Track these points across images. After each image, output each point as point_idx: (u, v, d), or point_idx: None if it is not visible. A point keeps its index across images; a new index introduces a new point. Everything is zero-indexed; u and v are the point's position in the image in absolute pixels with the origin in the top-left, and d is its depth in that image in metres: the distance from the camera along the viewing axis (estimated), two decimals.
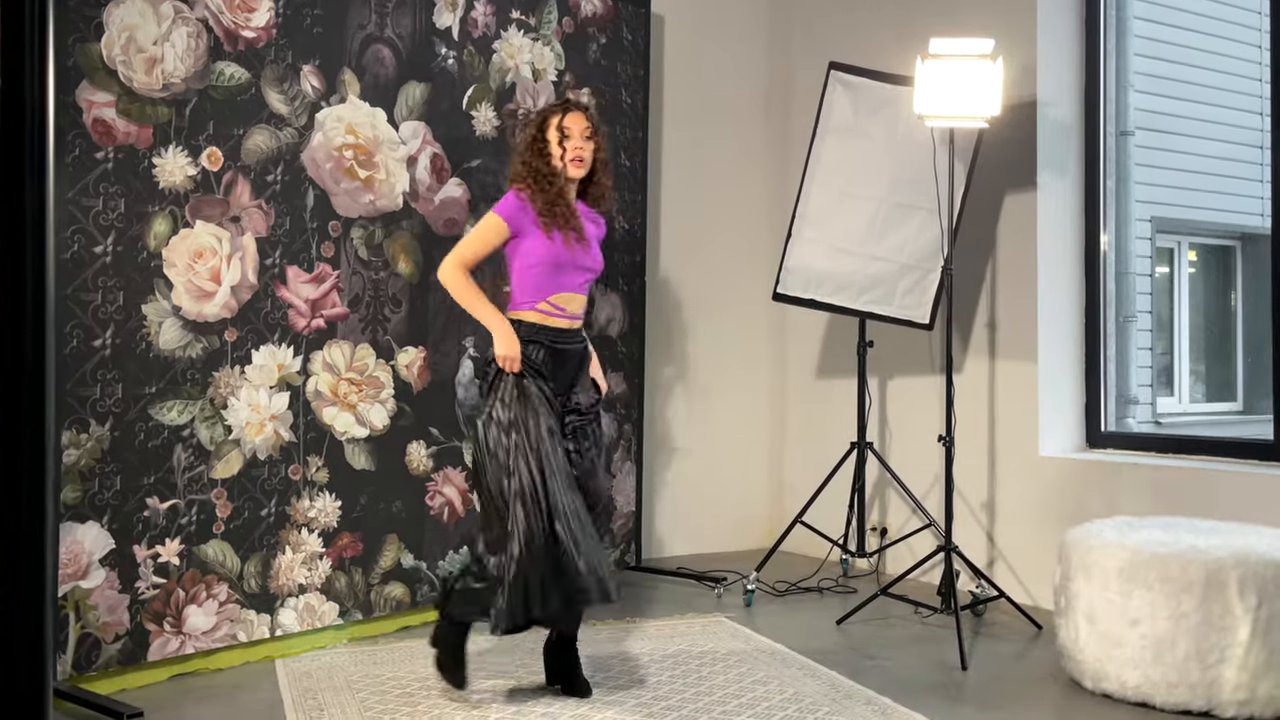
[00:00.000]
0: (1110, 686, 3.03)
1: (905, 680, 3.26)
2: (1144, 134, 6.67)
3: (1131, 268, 6.24)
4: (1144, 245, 7.11)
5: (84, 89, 3.04)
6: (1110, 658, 3.01)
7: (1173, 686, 2.91)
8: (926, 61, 3.53)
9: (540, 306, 3.05)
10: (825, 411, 5.14)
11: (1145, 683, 2.95)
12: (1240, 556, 2.87)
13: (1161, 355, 7.70)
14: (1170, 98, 7.38)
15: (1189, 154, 7.58)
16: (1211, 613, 2.86)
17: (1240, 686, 2.85)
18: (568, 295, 3.08)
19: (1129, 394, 6.01)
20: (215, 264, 3.31)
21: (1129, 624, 2.97)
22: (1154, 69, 7.23)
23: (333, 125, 3.58)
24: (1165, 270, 7.81)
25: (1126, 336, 6.02)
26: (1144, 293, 7.03)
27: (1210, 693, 2.88)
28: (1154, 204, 7.31)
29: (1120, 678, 2.99)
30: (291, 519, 3.49)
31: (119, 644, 3.11)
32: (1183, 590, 2.89)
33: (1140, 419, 6.57)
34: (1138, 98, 6.42)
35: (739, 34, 5.43)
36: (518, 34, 4.15)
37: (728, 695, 3.07)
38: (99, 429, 3.08)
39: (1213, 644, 2.87)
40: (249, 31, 3.38)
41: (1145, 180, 6.87)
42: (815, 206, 4.25)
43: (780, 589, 4.45)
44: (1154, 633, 2.93)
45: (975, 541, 4.42)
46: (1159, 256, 7.66)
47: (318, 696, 3.07)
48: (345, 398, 3.62)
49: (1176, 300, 7.81)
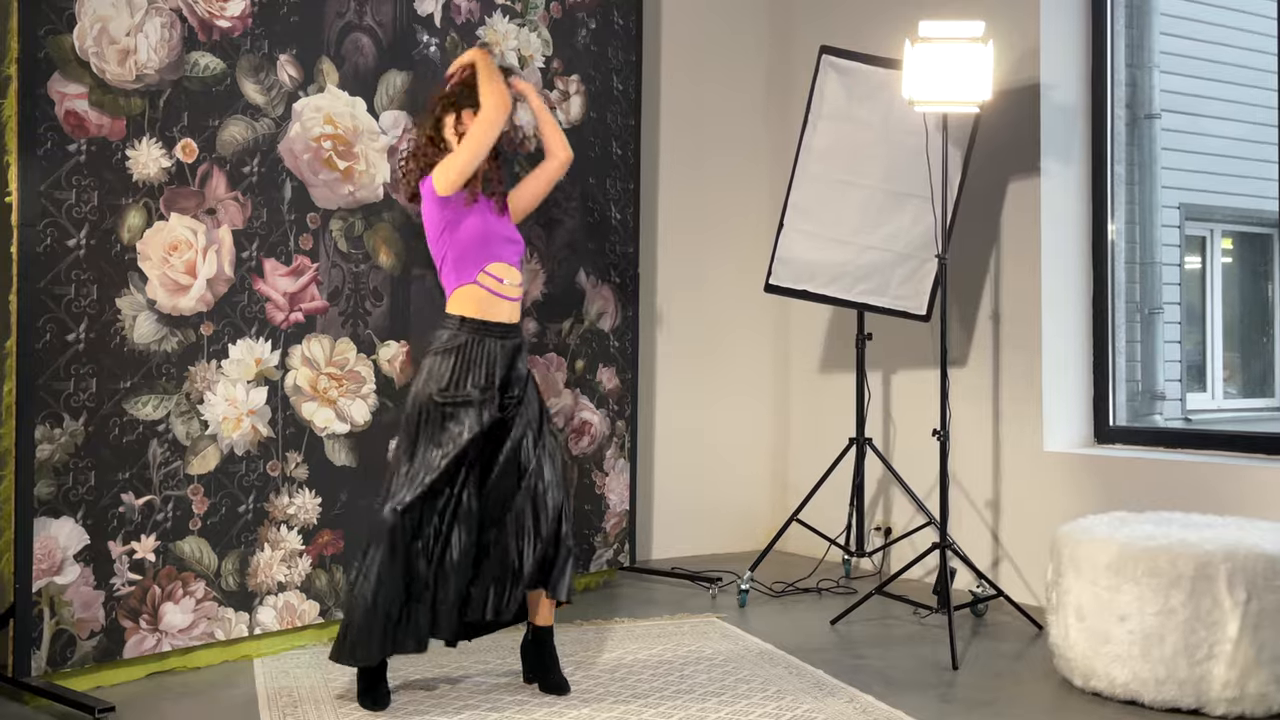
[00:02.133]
0: (1099, 684, 3.11)
1: (892, 679, 3.35)
2: (1172, 117, 6.71)
3: (1158, 257, 6.30)
4: (1172, 234, 7.15)
5: (56, 81, 3.18)
6: (1099, 654, 3.10)
7: (1161, 683, 2.99)
8: (916, 45, 3.62)
9: (482, 280, 3.18)
10: (829, 407, 5.24)
11: (1134, 680, 3.03)
12: (1229, 550, 2.95)
13: (1193, 349, 7.73)
14: (1200, 78, 7.40)
15: (1222, 137, 7.59)
16: (1200, 607, 2.95)
17: (1229, 684, 2.93)
18: (502, 266, 3.22)
19: (1156, 389, 6.07)
20: (190, 257, 3.45)
21: (1117, 620, 3.05)
22: (1183, 48, 7.25)
23: (311, 115, 3.71)
24: (1197, 260, 7.84)
25: (1153, 329, 6.09)
26: (1172, 283, 7.07)
27: (1199, 689, 2.96)
28: (1183, 190, 7.34)
29: (1109, 675, 3.08)
30: (270, 516, 3.62)
31: (94, 641, 3.25)
32: (1171, 585, 2.98)
33: (1169, 415, 6.61)
34: (1164, 79, 6.47)
35: (738, 17, 5.53)
36: (503, 20, 4.27)
37: (707, 694, 3.18)
38: (73, 424, 3.22)
39: (1201, 639, 2.95)
40: (224, 21, 3.52)
41: (1173, 165, 6.91)
42: (807, 195, 4.35)
43: (777, 589, 4.55)
44: (1142, 628, 3.01)
45: (980, 540, 4.51)
46: (1189, 246, 7.70)
47: (293, 694, 3.20)
48: (325, 393, 3.75)
49: (1208, 291, 7.84)
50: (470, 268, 3.18)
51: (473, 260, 3.18)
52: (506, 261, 3.23)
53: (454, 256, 3.20)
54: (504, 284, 3.21)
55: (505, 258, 3.23)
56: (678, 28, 5.31)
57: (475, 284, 3.18)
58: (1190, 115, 7.31)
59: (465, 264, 3.19)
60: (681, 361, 5.33)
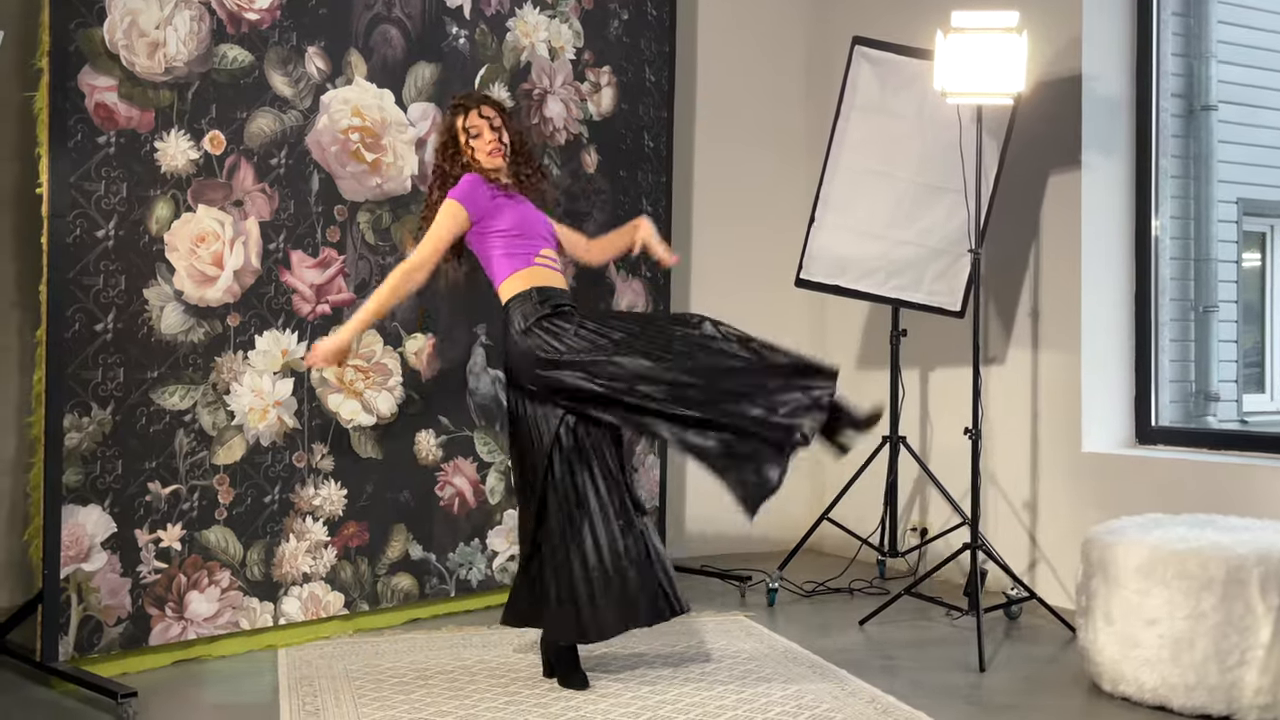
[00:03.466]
0: (1128, 689, 3.10)
1: (918, 681, 3.36)
2: (1230, 108, 6.62)
3: (1213, 254, 6.22)
4: (1229, 229, 7.05)
5: (86, 73, 3.28)
6: (1128, 659, 3.09)
7: (1191, 689, 2.98)
8: (949, 35, 3.62)
9: (538, 260, 3.32)
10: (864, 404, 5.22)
11: (1163, 685, 3.02)
12: (1263, 553, 2.93)
13: (1251, 349, 7.62)
14: (1261, 69, 7.29)
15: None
16: (1232, 612, 2.93)
17: (1262, 690, 2.91)
18: (548, 249, 3.39)
19: (1210, 390, 6.00)
20: (218, 248, 3.54)
21: (1146, 624, 3.04)
22: (1243, 38, 7.14)
23: (338, 107, 3.79)
24: (1256, 257, 7.72)
25: (1207, 328, 6.01)
26: (1229, 280, 6.97)
27: (1230, 695, 2.94)
28: (1242, 184, 7.23)
29: (1138, 679, 3.07)
30: (296, 507, 3.70)
31: (120, 627, 3.35)
32: (1202, 588, 2.96)
33: (1224, 417, 6.53)
34: (1223, 69, 6.38)
35: (775, 8, 5.54)
36: (533, 11, 4.33)
37: (727, 691, 3.21)
38: (101, 413, 3.32)
39: (1233, 645, 2.93)
40: (252, 14, 3.60)
41: (1232, 159, 6.81)
42: (840, 189, 4.36)
43: (808, 589, 4.56)
44: (1172, 633, 3.00)
45: (1017, 542, 4.49)
46: (1248, 242, 7.58)
47: (314, 684, 3.28)
48: (351, 385, 3.83)
49: (1269, 289, 7.72)
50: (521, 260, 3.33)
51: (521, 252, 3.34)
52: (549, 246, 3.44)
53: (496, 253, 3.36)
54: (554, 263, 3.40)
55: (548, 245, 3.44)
56: (712, 17, 5.33)
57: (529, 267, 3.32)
58: (1251, 107, 7.20)
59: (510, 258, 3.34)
60: None
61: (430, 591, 4.02)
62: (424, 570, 4.01)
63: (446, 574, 4.05)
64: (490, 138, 3.35)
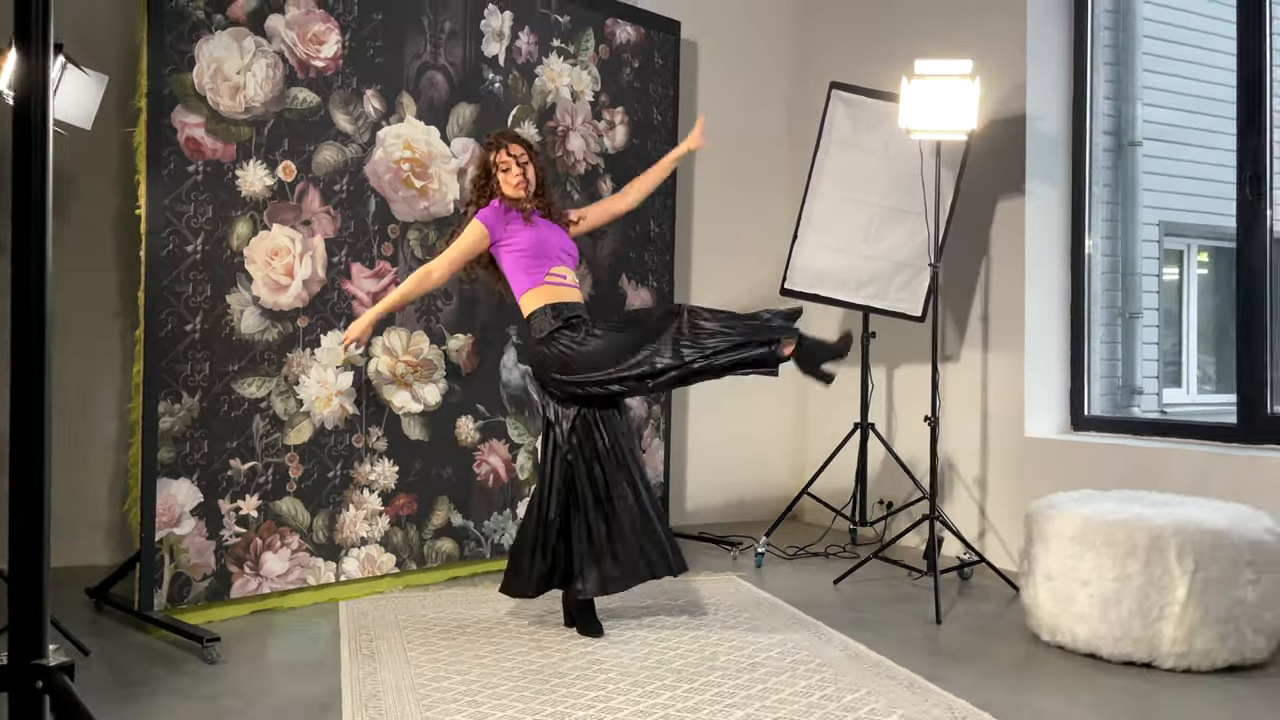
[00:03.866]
0: (1064, 639, 3.09)
1: (883, 631, 3.35)
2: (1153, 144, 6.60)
3: (1138, 268, 6.20)
4: (1151, 248, 7.03)
5: (178, 112, 3.28)
6: (1064, 614, 3.07)
7: (1118, 640, 2.96)
8: (912, 81, 3.61)
9: (549, 279, 3.28)
10: (840, 397, 5.22)
11: (1094, 637, 3.00)
12: (1180, 525, 2.91)
13: (1170, 350, 7.59)
14: (1178, 110, 7.26)
15: (1199, 163, 7.45)
16: (1153, 575, 2.91)
17: (1178, 640, 2.89)
18: (561, 267, 3.34)
19: (1135, 385, 5.99)
20: (289, 261, 3.54)
21: (1080, 584, 3.03)
22: (1163, 83, 7.12)
23: (392, 142, 3.78)
24: (1175, 271, 7.69)
25: (1132, 332, 6.00)
26: (1151, 291, 6.95)
27: (1151, 646, 2.93)
28: (1162, 209, 7.21)
29: (1072, 632, 3.06)
30: (355, 481, 3.71)
31: (206, 583, 3.36)
32: (1127, 555, 2.95)
33: (1146, 408, 6.51)
34: (1146, 110, 6.37)
35: (764, 58, 5.53)
36: (558, 60, 4.32)
37: (721, 639, 3.20)
38: (190, 400, 3.33)
39: (1154, 603, 2.91)
40: (319, 61, 3.60)
41: (1153, 188, 6.79)
42: (818, 211, 4.34)
43: (790, 553, 4.55)
44: (1101, 592, 2.98)
45: (968, 513, 4.48)
46: (1169, 259, 7.55)
47: (370, 631, 3.28)
48: (402, 377, 3.83)
49: (1185, 299, 7.69)
50: (534, 275, 3.30)
51: (533, 267, 3.31)
52: (564, 264, 3.38)
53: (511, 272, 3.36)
54: (565, 280, 3.35)
55: (562, 262, 3.38)
56: (709, 66, 5.32)
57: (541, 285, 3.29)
58: (1170, 143, 7.18)
59: (525, 273, 3.32)
60: None
61: (468, 553, 4.02)
62: (463, 535, 4.01)
63: (482, 538, 4.05)
64: (516, 172, 3.34)
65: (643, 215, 4.67)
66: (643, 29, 4.66)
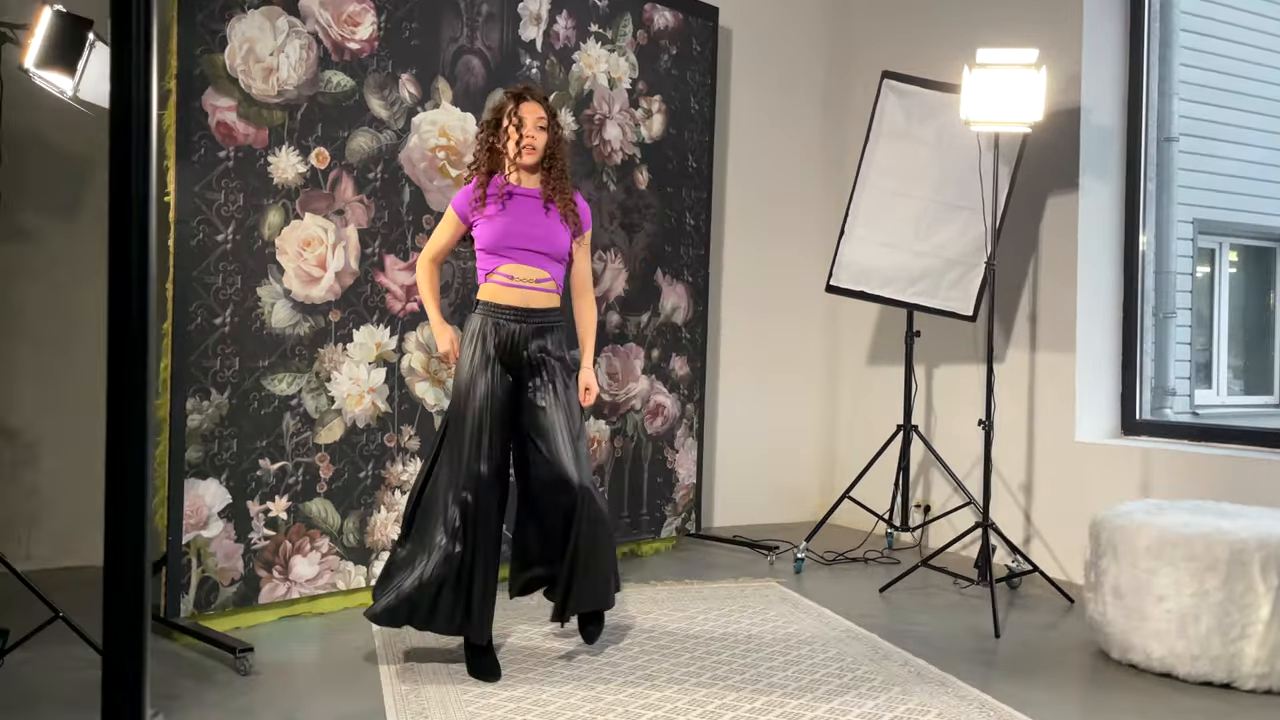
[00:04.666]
0: (1136, 657, 2.96)
1: (941, 645, 3.22)
2: (1188, 140, 6.46)
3: (1172, 267, 6.06)
4: (1185, 246, 6.89)
5: (209, 95, 3.13)
6: (1137, 630, 2.94)
7: (1195, 659, 2.83)
8: (974, 70, 3.46)
9: (491, 278, 2.92)
10: (874, 396, 5.09)
11: (1169, 655, 2.87)
12: (1263, 538, 2.78)
13: (1201, 350, 7.45)
14: (1214, 105, 7.12)
15: (1232, 159, 7.31)
16: (1234, 591, 2.78)
17: (1260, 660, 2.76)
18: (514, 265, 2.90)
19: (1167, 386, 5.85)
20: (322, 252, 3.39)
21: (1155, 600, 2.90)
22: (1199, 78, 6.97)
23: (427, 128, 3.64)
24: (1206, 270, 7.55)
25: (1165, 332, 5.86)
26: (1184, 290, 6.81)
27: (1231, 665, 2.80)
28: (1196, 207, 7.07)
29: (1145, 649, 2.92)
30: (386, 481, 3.57)
31: (234, 587, 3.22)
32: (1207, 569, 2.81)
33: (1178, 410, 6.38)
34: (1182, 105, 6.22)
35: (800, 46, 5.38)
36: (595, 46, 4.17)
37: (774, 653, 3.07)
38: (219, 397, 3.18)
39: (1234, 620, 2.78)
40: (354, 44, 3.45)
41: (1188, 184, 6.65)
42: (867, 206, 4.20)
43: (828, 558, 4.42)
44: (1179, 608, 2.85)
45: (1013, 520, 4.35)
46: (1200, 257, 7.41)
47: (405, 639, 3.14)
48: (435, 374, 3.68)
49: (1216, 298, 7.55)
50: (486, 267, 2.95)
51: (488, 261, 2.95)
52: (521, 262, 2.91)
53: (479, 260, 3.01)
54: (513, 280, 2.91)
55: (520, 259, 2.91)
56: (745, 53, 5.17)
57: (486, 281, 2.95)
58: (1204, 139, 7.03)
59: (483, 265, 2.97)
60: (744, 352, 5.21)
61: (502, 556, 3.87)
62: None
63: (509, 539, 3.90)
64: (530, 133, 2.90)
65: (678, 208, 4.53)
66: (681, 15, 4.51)
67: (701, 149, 4.65)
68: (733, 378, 5.17)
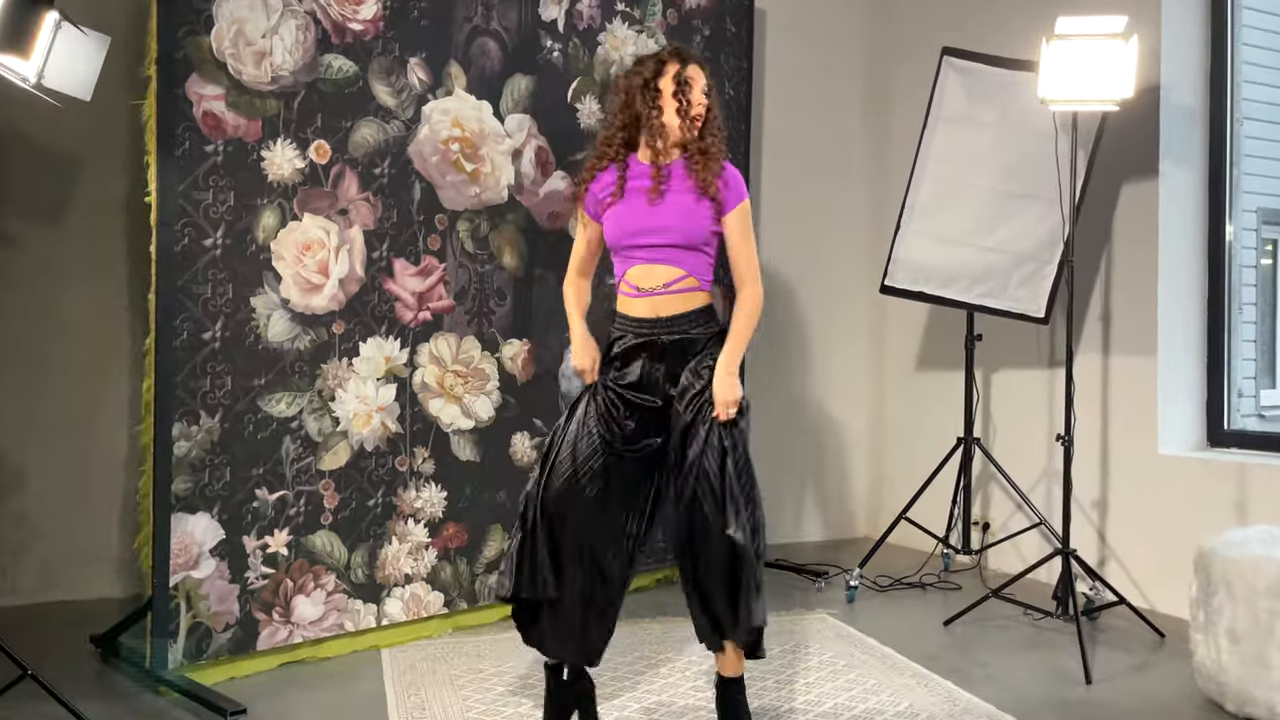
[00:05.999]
0: (1257, 712, 2.58)
1: (1025, 693, 2.85)
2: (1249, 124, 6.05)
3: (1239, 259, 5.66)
4: (1249, 236, 6.48)
5: (194, 82, 2.80)
6: (1257, 681, 2.56)
7: None
8: (1052, 42, 3.08)
9: (621, 288, 2.50)
10: (924, 404, 4.71)
11: None
12: None
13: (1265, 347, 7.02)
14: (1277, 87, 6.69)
15: None
16: None
17: None
18: (641, 269, 2.44)
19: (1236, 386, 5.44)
20: (323, 257, 3.06)
21: (1279, 646, 2.52)
22: (1261, 59, 6.55)
23: (439, 118, 3.29)
24: (1268, 262, 7.12)
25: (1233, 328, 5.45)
26: (1249, 284, 6.40)
27: None
28: (1260, 195, 6.64)
29: (1269, 703, 2.55)
30: (398, 510, 3.23)
31: (229, 633, 2.89)
32: None
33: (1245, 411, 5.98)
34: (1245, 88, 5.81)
35: (839, 27, 5.01)
36: (622, 26, 3.82)
37: (839, 706, 2.71)
38: (209, 421, 2.85)
39: None
40: (356, 24, 3.11)
41: (1251, 171, 6.24)
42: (925, 198, 3.82)
43: (882, 584, 4.05)
44: None
45: (1087, 540, 3.96)
46: (1262, 248, 6.98)
47: (420, 689, 2.81)
48: (451, 390, 3.35)
49: None
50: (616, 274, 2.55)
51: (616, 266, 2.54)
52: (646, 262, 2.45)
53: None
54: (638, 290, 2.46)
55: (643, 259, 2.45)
56: (778, 37, 4.80)
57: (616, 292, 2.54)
58: (1266, 123, 6.61)
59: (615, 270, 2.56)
60: (784, 358, 4.84)
61: None
62: None
63: None
64: (697, 100, 2.44)
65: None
66: None
67: (738, 138, 4.26)
68: (773, 386, 4.80)
